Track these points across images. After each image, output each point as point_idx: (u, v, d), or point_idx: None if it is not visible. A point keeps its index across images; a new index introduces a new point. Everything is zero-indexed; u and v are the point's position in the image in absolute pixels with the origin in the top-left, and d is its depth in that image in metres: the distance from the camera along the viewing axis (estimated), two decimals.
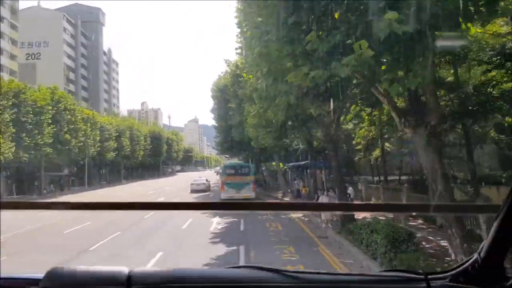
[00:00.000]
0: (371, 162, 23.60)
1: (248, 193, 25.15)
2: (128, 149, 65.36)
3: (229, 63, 30.34)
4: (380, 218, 11.87)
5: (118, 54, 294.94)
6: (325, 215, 15.20)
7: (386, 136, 20.32)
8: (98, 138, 52.93)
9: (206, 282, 1.23)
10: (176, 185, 50.84)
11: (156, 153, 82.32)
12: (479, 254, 1.18)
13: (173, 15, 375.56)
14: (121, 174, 71.91)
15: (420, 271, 1.25)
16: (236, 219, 18.99)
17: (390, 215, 13.43)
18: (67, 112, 43.13)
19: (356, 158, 22.63)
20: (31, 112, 36.43)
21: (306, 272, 1.26)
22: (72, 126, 44.23)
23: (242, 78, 24.62)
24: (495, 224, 1.14)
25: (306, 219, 18.84)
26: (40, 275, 1.23)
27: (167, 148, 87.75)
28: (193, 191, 35.40)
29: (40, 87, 42.69)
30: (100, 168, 66.40)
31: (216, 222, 18.49)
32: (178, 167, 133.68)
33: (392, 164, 23.59)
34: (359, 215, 14.69)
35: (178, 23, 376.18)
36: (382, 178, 23.47)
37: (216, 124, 39.43)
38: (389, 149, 21.09)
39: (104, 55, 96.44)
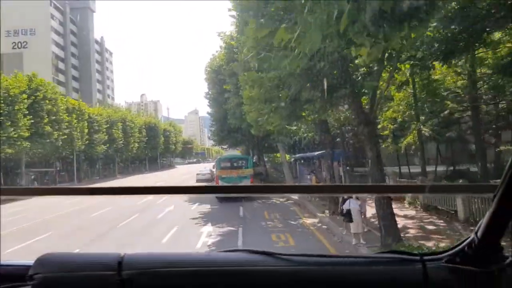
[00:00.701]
0: (402, 151, 19.19)
1: None
2: (121, 142, 61.13)
3: (223, 36, 25.80)
4: None
5: (115, 45, 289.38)
6: (355, 226, 10.93)
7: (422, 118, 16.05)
8: (86, 130, 48.73)
9: (198, 266, 1.21)
10: (173, 180, 46.81)
11: (153, 145, 78.21)
12: (475, 234, 1.16)
13: (172, 3, 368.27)
14: (115, 168, 67.97)
15: (416, 252, 1.24)
16: (233, 228, 14.87)
17: None
18: (47, 101, 38.76)
19: (383, 145, 18.32)
20: (2, 102, 32.12)
21: (299, 255, 1.23)
22: (54, 117, 39.94)
23: (237, 55, 20.48)
24: (492, 204, 1.11)
25: (324, 226, 14.60)
26: (30, 261, 1.22)
27: (164, 140, 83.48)
28: (198, 181, 35.66)
29: (18, 74, 38.40)
30: (92, 163, 62.33)
31: (206, 233, 14.36)
32: (178, 160, 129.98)
33: (425, 153, 19.18)
34: (406, 226, 10.44)
35: (178, 12, 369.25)
36: (411, 169, 19.20)
37: (211, 111, 34.90)
38: (427, 134, 16.67)
39: (97, 44, 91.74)
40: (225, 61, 25.10)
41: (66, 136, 42.40)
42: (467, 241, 1.19)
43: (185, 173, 63.86)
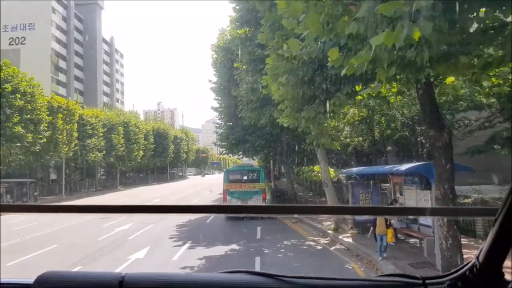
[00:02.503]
0: None
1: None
2: (122, 149, 53.39)
3: None
4: None
5: (132, 53, 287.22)
6: None
7: None
8: (75, 133, 41.16)
9: (200, 287, 1.20)
10: (173, 195, 38.63)
11: (161, 153, 70.54)
12: (477, 258, 1.14)
13: (191, 10, 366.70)
14: (117, 179, 60.38)
15: (418, 275, 1.21)
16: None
17: None
18: (18, 96, 31.16)
19: None
20: None
21: (302, 277, 1.21)
22: (29, 115, 32.34)
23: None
24: (493, 228, 1.10)
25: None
26: (30, 280, 1.21)
27: (175, 148, 75.68)
28: None
29: None
30: (88, 172, 54.80)
31: None
32: (192, 170, 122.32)
33: None
34: None
35: (197, 19, 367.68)
36: None
37: (218, 106, 25.86)
38: None
39: (106, 44, 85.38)
40: (238, 26, 16.49)
41: (45, 140, 34.79)
42: (469, 265, 1.17)
43: (196, 184, 55.77)
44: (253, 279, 1.20)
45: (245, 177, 21.53)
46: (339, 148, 16.48)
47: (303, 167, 16.66)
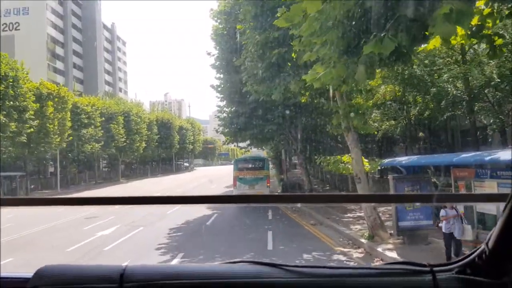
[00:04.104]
0: None
1: (262, 189, 23.75)
2: (123, 140, 50.10)
3: None
4: None
5: (139, 42, 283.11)
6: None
7: None
8: (69, 123, 37.85)
9: (202, 278, 1.18)
10: (179, 188, 35.37)
11: (166, 144, 67.27)
12: (486, 244, 1.13)
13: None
14: (119, 171, 57.31)
15: (425, 263, 1.20)
16: None
17: None
18: None
19: None
20: None
21: (306, 266, 1.19)
22: (11, 103, 29.01)
23: None
24: (503, 213, 1.08)
25: None
26: (29, 274, 1.19)
27: (180, 138, 72.29)
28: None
29: None
30: (88, 164, 51.73)
31: None
32: (200, 161, 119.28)
33: None
34: None
35: (208, 3, 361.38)
36: None
37: (218, 84, 21.64)
38: None
39: (107, 31, 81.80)
40: None
41: (33, 130, 31.53)
42: (478, 251, 1.16)
43: (200, 177, 52.39)
44: (258, 269, 1.19)
45: (251, 165, 24.28)
46: (375, 132, 12.77)
47: (328, 157, 12.95)
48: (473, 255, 1.16)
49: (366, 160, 11.37)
